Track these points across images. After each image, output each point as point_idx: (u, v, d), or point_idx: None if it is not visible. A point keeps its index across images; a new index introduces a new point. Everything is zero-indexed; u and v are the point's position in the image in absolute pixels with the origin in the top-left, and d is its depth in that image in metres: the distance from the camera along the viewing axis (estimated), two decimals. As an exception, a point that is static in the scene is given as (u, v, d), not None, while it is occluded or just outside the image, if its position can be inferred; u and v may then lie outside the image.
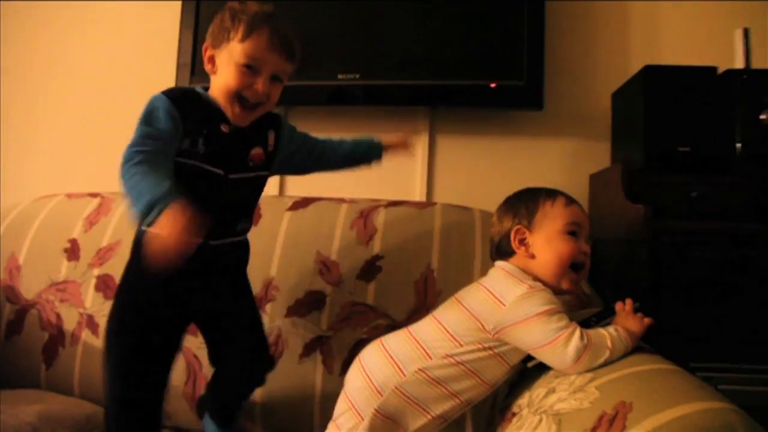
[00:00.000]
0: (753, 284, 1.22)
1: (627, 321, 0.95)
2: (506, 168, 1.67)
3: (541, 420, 0.85)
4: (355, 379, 1.00)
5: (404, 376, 0.95)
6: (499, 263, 1.05)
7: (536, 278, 1.00)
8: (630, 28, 1.67)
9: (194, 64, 1.69)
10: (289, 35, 1.07)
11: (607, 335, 0.91)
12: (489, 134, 1.69)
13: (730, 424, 0.66)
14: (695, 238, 1.23)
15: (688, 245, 1.23)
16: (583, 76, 1.66)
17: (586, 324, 0.98)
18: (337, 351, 1.29)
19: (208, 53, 1.08)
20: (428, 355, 0.95)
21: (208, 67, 1.08)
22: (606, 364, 0.88)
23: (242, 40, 1.02)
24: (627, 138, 1.45)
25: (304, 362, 1.29)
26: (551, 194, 1.06)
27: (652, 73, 1.32)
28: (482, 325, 0.94)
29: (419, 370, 0.94)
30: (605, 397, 0.79)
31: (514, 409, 0.96)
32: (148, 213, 0.86)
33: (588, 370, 0.88)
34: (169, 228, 0.83)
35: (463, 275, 1.32)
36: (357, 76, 1.59)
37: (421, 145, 1.70)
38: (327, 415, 1.24)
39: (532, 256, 1.02)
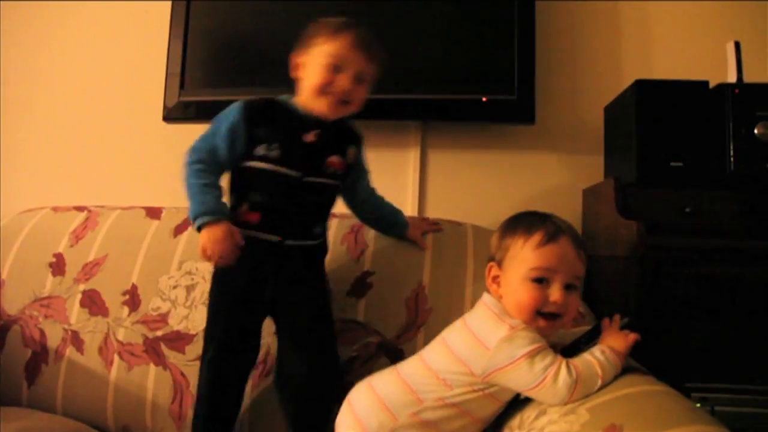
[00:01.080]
0: (749, 301, 1.21)
1: (613, 339, 0.92)
2: (499, 182, 1.66)
3: (531, 442, 0.84)
4: (345, 423, 0.98)
5: (397, 420, 0.92)
6: (485, 296, 1.00)
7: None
8: (622, 42, 1.67)
9: (183, 74, 1.68)
10: (372, 39, 1.16)
11: (596, 362, 0.88)
12: (481, 148, 1.68)
13: (721, 448, 0.64)
14: (689, 254, 1.22)
15: (682, 262, 1.22)
16: (575, 90, 1.66)
17: (575, 347, 0.96)
18: (327, 368, 1.27)
19: (295, 61, 1.17)
20: (419, 399, 0.93)
21: (295, 74, 1.17)
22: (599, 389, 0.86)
23: (327, 41, 1.12)
24: (620, 152, 1.44)
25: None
26: (529, 229, 0.96)
27: (643, 88, 1.31)
28: (470, 370, 0.91)
29: (413, 414, 0.92)
30: (596, 419, 0.78)
31: (505, 430, 0.95)
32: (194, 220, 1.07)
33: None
34: (207, 246, 1.05)
35: (454, 292, 1.30)
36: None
37: (412, 159, 1.69)
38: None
39: (501, 297, 0.97)
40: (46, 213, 1.61)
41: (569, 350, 0.96)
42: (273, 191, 1.13)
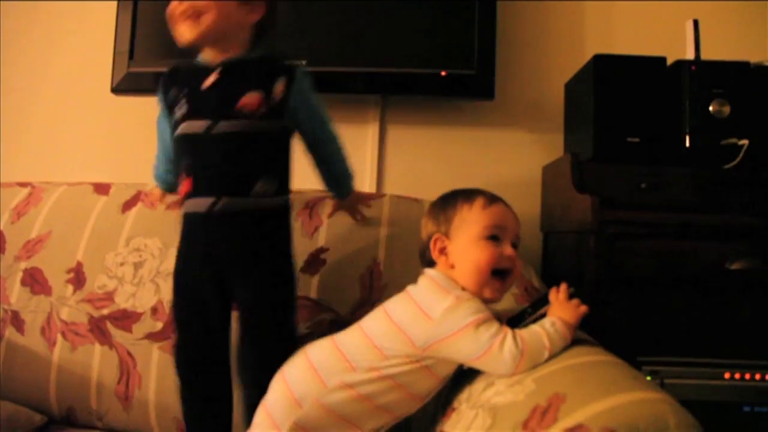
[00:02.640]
0: (701, 276, 1.21)
1: (562, 310, 0.91)
2: (458, 159, 1.64)
3: (477, 414, 0.84)
4: (274, 389, 0.95)
5: (326, 386, 0.90)
6: (427, 271, 0.99)
7: (463, 287, 0.94)
8: (584, 17, 1.66)
9: (133, 45, 1.62)
10: None
11: (544, 333, 0.87)
12: (440, 124, 1.66)
13: (662, 415, 0.64)
14: (643, 229, 1.22)
15: (636, 236, 1.22)
16: (536, 65, 1.64)
17: (521, 317, 0.96)
18: (280, 346, 1.24)
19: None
20: (352, 367, 0.91)
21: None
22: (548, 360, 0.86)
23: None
24: (578, 128, 1.43)
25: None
26: (469, 197, 0.99)
27: (602, 63, 1.30)
28: (411, 341, 0.89)
29: (342, 383, 0.90)
30: (541, 389, 0.78)
31: (455, 404, 0.94)
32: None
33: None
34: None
35: (410, 269, 1.27)
36: (304, 62, 1.52)
37: (371, 135, 1.66)
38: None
39: (452, 266, 0.97)
40: (-13, 189, 1.55)
41: (515, 320, 0.95)
42: (192, 150, 1.06)
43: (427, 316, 0.89)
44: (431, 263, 1.00)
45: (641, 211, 1.22)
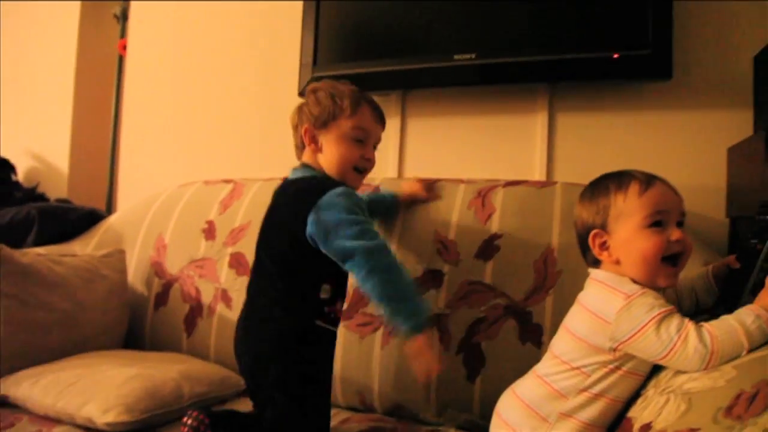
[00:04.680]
0: None
1: None
2: (631, 144, 1.56)
3: (668, 400, 0.80)
4: None
5: (548, 422, 0.92)
6: (592, 273, 0.97)
7: (633, 280, 0.91)
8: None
9: (315, 61, 1.76)
10: (378, 105, 1.21)
11: (741, 330, 0.79)
12: (612, 109, 1.59)
13: None
14: None
15: None
16: (718, 39, 1.50)
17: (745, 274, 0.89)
18: (455, 329, 1.29)
19: (310, 134, 1.18)
20: (562, 395, 0.92)
21: (311, 146, 1.19)
22: None
23: (350, 116, 1.16)
24: (773, 104, 1.31)
25: (420, 338, 1.30)
26: (621, 184, 0.93)
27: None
28: (600, 349, 0.89)
29: (561, 414, 0.91)
30: (744, 375, 0.73)
31: (641, 390, 0.91)
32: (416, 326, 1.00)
33: None
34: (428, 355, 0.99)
35: (584, 255, 1.27)
36: (473, 55, 1.56)
37: (540, 123, 1.64)
38: (441, 392, 1.26)
39: (617, 261, 0.92)
40: (199, 186, 1.79)
41: (738, 279, 0.90)
42: (342, 279, 1.16)
43: (605, 321, 0.88)
44: (594, 261, 0.98)
45: None
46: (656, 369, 0.90)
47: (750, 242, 0.91)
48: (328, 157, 1.17)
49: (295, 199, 1.15)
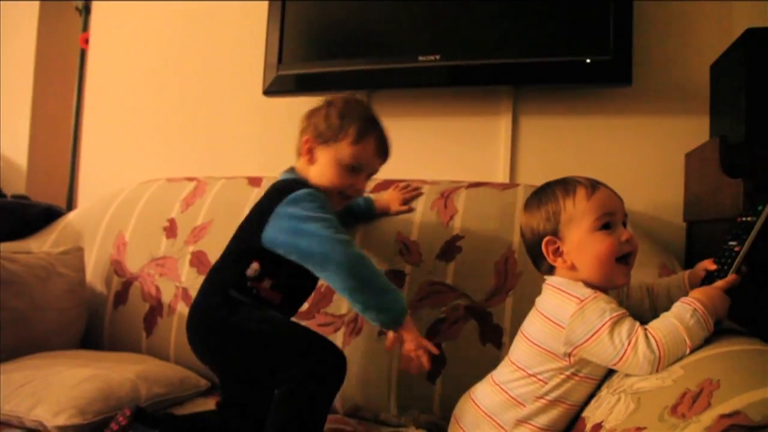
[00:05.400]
0: None
1: (704, 293, 0.86)
2: (593, 148, 1.60)
3: (619, 399, 0.82)
4: None
5: (506, 431, 0.93)
6: (548, 280, 0.98)
7: (587, 284, 0.92)
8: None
9: (280, 60, 1.76)
10: (388, 138, 1.20)
11: (682, 327, 0.82)
12: (574, 113, 1.62)
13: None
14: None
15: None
16: (677, 47, 1.54)
17: (724, 260, 0.91)
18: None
19: (309, 145, 1.17)
20: (519, 403, 0.93)
21: (306, 157, 1.18)
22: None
23: (353, 143, 1.14)
24: (727, 111, 1.34)
25: (382, 339, 1.29)
26: (568, 189, 0.95)
27: (754, 37, 1.21)
28: (555, 355, 0.90)
29: (517, 420, 0.92)
30: (690, 375, 0.76)
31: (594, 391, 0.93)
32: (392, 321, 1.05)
33: None
34: (417, 345, 1.04)
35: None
36: (438, 57, 1.57)
37: (504, 125, 1.66)
38: (403, 392, 1.27)
39: (572, 267, 0.94)
40: (162, 183, 1.76)
41: (720, 269, 0.92)
42: (302, 277, 1.14)
43: (559, 326, 0.89)
44: (548, 268, 0.98)
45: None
46: (611, 370, 0.92)
47: (729, 244, 0.92)
48: (318, 173, 1.17)
49: (268, 193, 1.17)
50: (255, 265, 1.11)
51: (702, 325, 0.82)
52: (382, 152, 1.19)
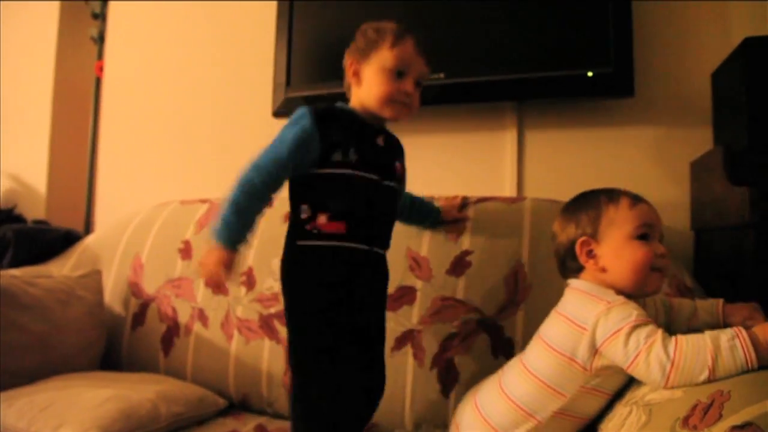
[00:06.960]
0: None
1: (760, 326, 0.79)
2: (598, 160, 1.60)
3: (630, 411, 0.83)
4: None
5: None
6: (572, 283, 0.98)
7: (617, 291, 0.92)
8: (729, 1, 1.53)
9: (288, 82, 1.80)
10: (426, 43, 1.18)
11: (710, 345, 0.76)
12: (579, 126, 1.63)
13: None
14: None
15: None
16: (677, 57, 1.55)
17: None
18: (428, 344, 1.31)
19: (353, 67, 1.18)
20: (531, 416, 0.92)
21: (353, 80, 1.18)
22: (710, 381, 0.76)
23: (392, 46, 1.13)
24: (729, 119, 1.35)
25: (395, 355, 1.32)
26: (613, 196, 0.97)
27: (753, 46, 1.23)
28: (574, 360, 0.89)
29: None
30: (700, 386, 0.75)
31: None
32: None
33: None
34: (209, 263, 1.05)
35: (553, 270, 1.27)
36: (442, 75, 1.60)
37: (509, 140, 1.68)
38: (416, 408, 1.28)
39: (603, 270, 0.94)
40: (176, 205, 1.80)
41: None
42: (356, 197, 1.11)
43: (582, 328, 0.89)
44: (576, 269, 0.99)
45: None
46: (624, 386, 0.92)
47: None
48: (366, 89, 1.15)
49: None
50: (305, 206, 1.12)
51: (736, 356, 0.75)
52: (422, 50, 1.16)
